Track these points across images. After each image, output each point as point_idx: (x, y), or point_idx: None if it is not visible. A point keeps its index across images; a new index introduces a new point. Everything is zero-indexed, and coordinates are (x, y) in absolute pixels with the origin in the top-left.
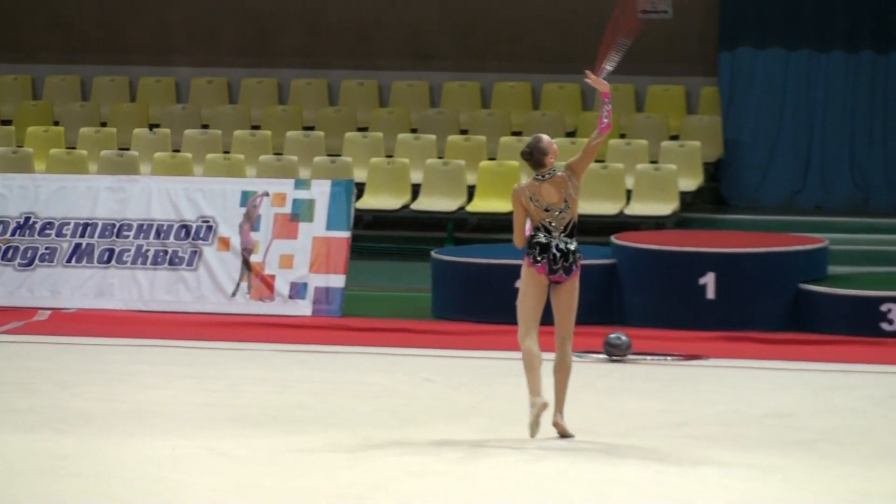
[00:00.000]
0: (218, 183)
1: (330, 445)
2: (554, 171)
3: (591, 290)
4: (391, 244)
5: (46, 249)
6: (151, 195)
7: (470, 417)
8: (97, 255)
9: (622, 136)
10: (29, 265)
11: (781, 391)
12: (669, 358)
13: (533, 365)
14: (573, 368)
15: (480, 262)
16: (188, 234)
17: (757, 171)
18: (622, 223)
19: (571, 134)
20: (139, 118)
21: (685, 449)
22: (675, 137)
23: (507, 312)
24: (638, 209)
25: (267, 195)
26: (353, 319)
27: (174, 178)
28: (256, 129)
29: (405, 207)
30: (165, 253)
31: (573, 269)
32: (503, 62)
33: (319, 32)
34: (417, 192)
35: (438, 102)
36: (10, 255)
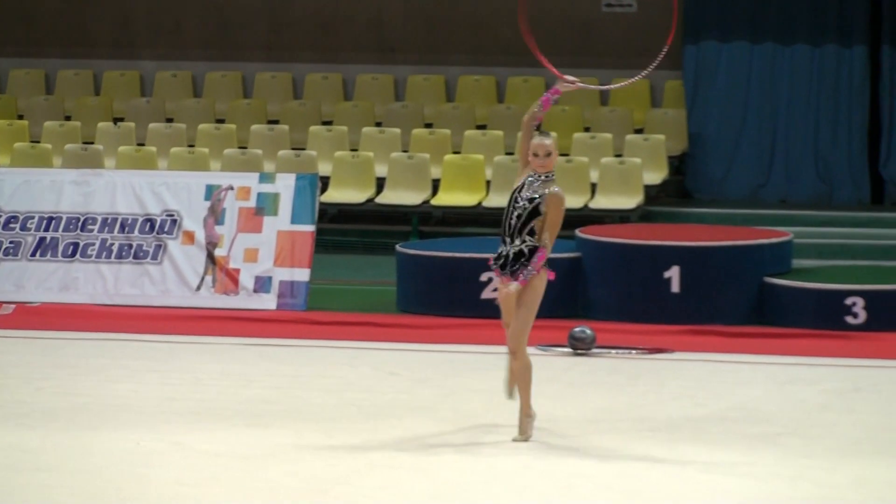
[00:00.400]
0: (182, 177)
1: (294, 439)
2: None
3: (556, 283)
4: (356, 238)
5: (10, 243)
6: (116, 189)
7: (434, 411)
8: (61, 248)
9: (587, 129)
10: None
11: (746, 384)
12: (634, 351)
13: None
14: (537, 362)
15: (445, 255)
16: (153, 227)
17: (721, 164)
18: (587, 217)
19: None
20: (103, 112)
21: (650, 443)
22: (639, 131)
23: (471, 306)
24: (602, 203)
25: (231, 189)
26: (317, 313)
27: (138, 171)
28: (221, 122)
29: (370, 201)
30: (130, 247)
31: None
32: (468, 55)
33: (283, 26)
34: (382, 185)
35: (403, 96)
36: None
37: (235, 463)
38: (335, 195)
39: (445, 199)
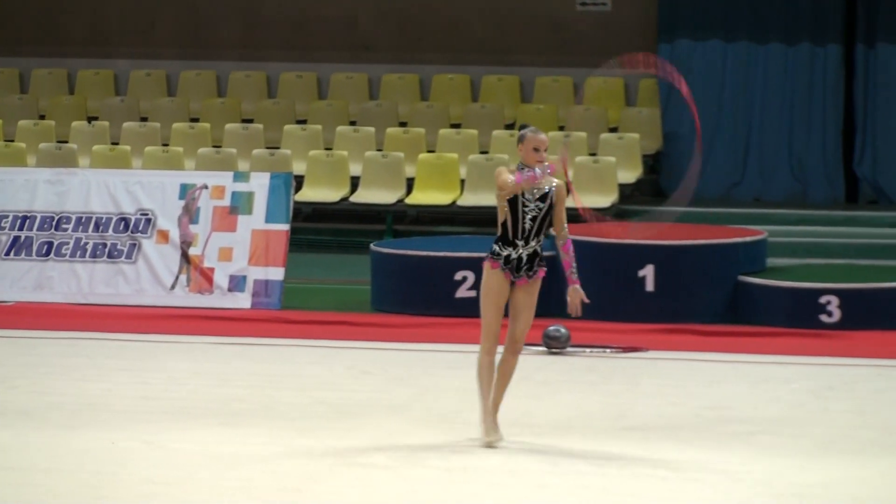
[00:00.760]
0: (157, 175)
1: (268, 438)
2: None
3: None
4: (330, 237)
5: None
6: (90, 188)
7: (408, 410)
8: (36, 248)
9: (561, 128)
10: None
11: (720, 383)
12: (609, 350)
13: None
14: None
15: (419, 254)
16: (127, 226)
17: None
18: None
19: (510, 126)
20: (77, 111)
21: (624, 441)
22: (613, 130)
23: (446, 305)
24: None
25: (206, 188)
26: (292, 312)
27: (113, 170)
28: (195, 121)
29: (344, 200)
30: (104, 246)
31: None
32: (442, 54)
33: (257, 25)
34: (356, 184)
35: (377, 95)
36: None
37: (209, 462)
38: (309, 194)
39: (420, 197)
